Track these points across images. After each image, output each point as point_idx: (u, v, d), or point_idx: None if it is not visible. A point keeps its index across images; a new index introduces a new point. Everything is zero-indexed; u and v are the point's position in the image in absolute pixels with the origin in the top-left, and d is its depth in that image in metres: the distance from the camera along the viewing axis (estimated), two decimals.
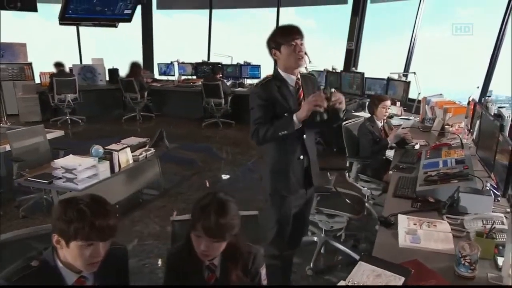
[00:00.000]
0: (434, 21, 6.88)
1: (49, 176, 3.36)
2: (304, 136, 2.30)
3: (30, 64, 8.69)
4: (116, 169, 3.63)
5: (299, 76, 2.29)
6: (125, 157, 3.82)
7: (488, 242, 1.73)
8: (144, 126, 8.02)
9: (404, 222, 2.06)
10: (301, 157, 2.31)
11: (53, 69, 8.18)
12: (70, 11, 3.54)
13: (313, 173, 2.39)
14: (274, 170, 2.31)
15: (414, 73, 5.09)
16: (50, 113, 8.24)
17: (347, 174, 3.65)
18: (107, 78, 9.05)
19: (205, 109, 8.01)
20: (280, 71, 2.25)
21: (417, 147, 3.52)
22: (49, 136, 4.75)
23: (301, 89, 2.28)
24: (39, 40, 9.83)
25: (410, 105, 5.46)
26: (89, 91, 8.55)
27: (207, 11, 9.75)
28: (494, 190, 2.34)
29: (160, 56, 10.12)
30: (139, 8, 10.24)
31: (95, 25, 4.64)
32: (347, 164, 3.61)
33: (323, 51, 9.27)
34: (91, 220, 1.17)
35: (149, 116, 8.61)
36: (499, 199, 2.27)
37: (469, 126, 3.54)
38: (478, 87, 3.17)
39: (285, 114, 2.19)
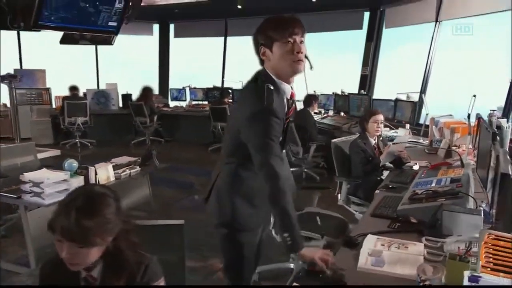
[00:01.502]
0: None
1: (20, 191, 3.21)
2: None
3: (47, 89, 8.95)
4: None
5: (292, 85, 1.77)
6: (105, 174, 3.65)
7: (461, 266, 1.40)
8: None
9: (370, 243, 1.76)
10: None
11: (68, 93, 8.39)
12: (44, 18, 3.50)
13: None
14: (240, 196, 1.77)
15: (422, 92, 4.77)
16: (62, 136, 8.32)
17: (338, 196, 3.34)
18: (120, 103, 9.14)
19: (214, 134, 7.90)
20: (275, 79, 1.68)
21: (416, 167, 3.18)
22: (44, 155, 4.71)
23: (293, 105, 1.81)
24: (63, 65, 10.24)
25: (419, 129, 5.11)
26: (101, 115, 8.64)
27: (222, 38, 9.93)
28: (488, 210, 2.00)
29: (177, 82, 10.25)
30: (156, 36, 10.65)
31: (92, 42, 4.64)
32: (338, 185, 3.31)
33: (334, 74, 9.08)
34: None
35: (158, 140, 8.56)
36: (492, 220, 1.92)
37: (474, 144, 3.19)
38: (474, 96, 2.84)
39: (280, 138, 1.71)
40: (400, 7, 7.46)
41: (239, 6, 8.63)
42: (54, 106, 8.93)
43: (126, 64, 11.10)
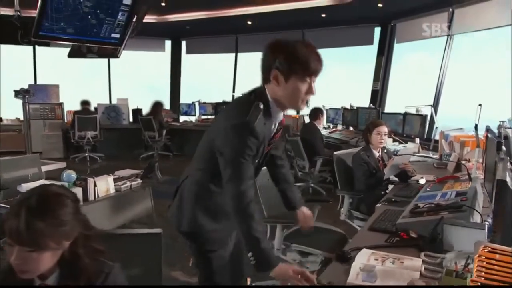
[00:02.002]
0: None
1: None
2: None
3: (60, 104, 9.06)
4: (91, 197, 3.42)
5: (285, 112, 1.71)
6: (104, 186, 3.62)
7: (458, 282, 1.29)
8: (161, 166, 7.93)
9: (362, 257, 1.65)
10: None
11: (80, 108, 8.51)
12: (45, 29, 3.52)
13: None
14: (202, 210, 1.68)
15: (432, 105, 4.63)
16: (73, 150, 8.39)
17: (341, 211, 3.22)
18: (131, 118, 9.21)
19: None
20: (271, 102, 1.59)
21: (422, 181, 3.05)
22: (49, 167, 4.70)
23: (280, 131, 1.74)
24: (78, 80, 10.46)
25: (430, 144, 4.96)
26: (112, 130, 8.69)
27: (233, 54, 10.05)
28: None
29: (188, 97, 10.34)
30: (168, 53, 10.78)
31: (99, 55, 4.67)
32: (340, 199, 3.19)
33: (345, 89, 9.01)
34: None
35: (166, 155, 8.55)
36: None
37: (484, 158, 3.04)
38: (480, 105, 2.71)
39: (256, 161, 1.64)
40: (411, 21, 7.38)
41: (249, 22, 8.70)
42: (66, 120, 9.04)
43: (138, 79, 11.28)
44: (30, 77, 9.66)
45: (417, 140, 4.93)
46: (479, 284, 0.92)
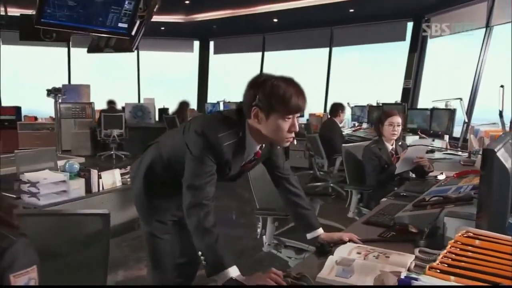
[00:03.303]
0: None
1: (21, 191, 3.19)
2: None
3: (90, 104, 9.30)
4: (95, 189, 3.38)
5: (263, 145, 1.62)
6: (110, 179, 3.58)
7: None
8: None
9: (343, 250, 1.45)
10: None
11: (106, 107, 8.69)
12: (47, 16, 3.49)
13: None
14: (150, 184, 1.81)
15: (460, 99, 4.27)
16: (100, 148, 8.55)
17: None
18: (157, 117, 9.29)
19: None
20: (248, 135, 1.51)
21: (441, 177, 2.77)
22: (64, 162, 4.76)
23: (254, 161, 1.67)
24: (109, 80, 10.75)
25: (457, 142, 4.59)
26: (137, 129, 8.73)
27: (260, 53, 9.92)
28: None
29: (215, 97, 10.29)
30: (196, 53, 10.82)
31: (115, 49, 4.65)
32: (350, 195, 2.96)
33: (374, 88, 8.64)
34: None
35: None
36: None
37: None
38: (502, 86, 2.41)
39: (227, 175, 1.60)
40: (447, 14, 6.94)
41: (275, 20, 8.55)
42: (95, 119, 9.25)
43: (168, 79, 11.41)
44: (65, 78, 10.01)
45: (446, 137, 4.57)
46: (438, 271, 0.72)
